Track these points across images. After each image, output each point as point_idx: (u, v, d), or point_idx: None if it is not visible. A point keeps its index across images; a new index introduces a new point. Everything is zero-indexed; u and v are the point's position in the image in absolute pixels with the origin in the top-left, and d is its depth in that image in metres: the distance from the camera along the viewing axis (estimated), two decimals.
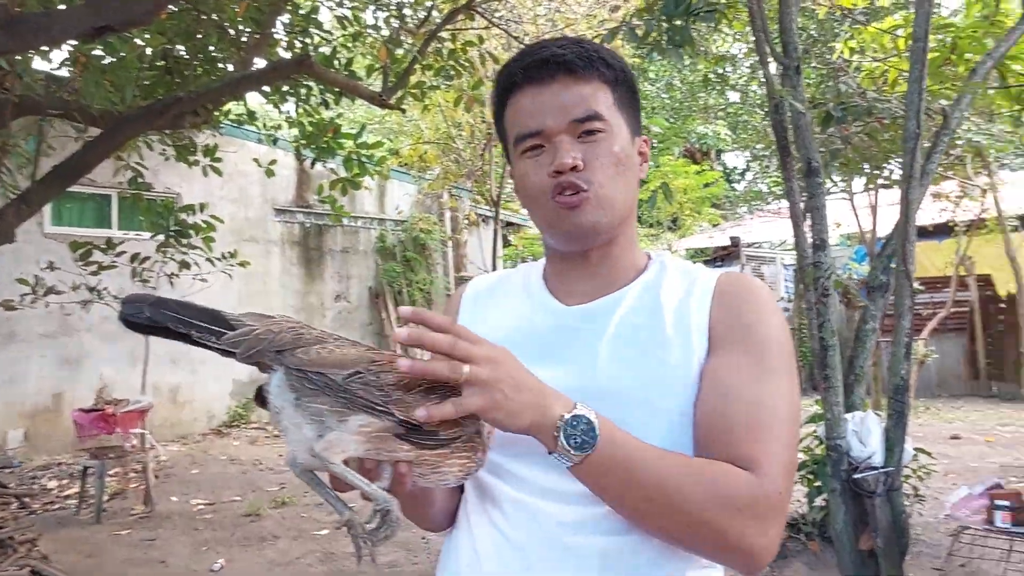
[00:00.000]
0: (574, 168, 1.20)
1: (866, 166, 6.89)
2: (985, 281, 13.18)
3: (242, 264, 7.80)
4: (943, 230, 11.40)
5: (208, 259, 7.50)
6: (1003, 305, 13.09)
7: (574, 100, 1.21)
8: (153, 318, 1.01)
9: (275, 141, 8.20)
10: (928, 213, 10.94)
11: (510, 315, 1.34)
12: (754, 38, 3.99)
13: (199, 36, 6.71)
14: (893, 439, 3.61)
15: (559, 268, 1.33)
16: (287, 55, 7.15)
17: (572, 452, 1.03)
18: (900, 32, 7.10)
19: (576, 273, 1.31)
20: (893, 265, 3.83)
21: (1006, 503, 3.30)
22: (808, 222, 3.79)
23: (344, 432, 1.01)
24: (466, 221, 14.16)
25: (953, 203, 10.58)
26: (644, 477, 1.06)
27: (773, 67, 4.01)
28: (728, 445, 1.11)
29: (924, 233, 9.74)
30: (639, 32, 4.03)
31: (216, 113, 7.34)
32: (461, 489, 1.31)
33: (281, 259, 12.29)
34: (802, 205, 3.79)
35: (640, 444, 1.08)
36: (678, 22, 3.59)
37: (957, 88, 4.07)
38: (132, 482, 7.72)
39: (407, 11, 7.35)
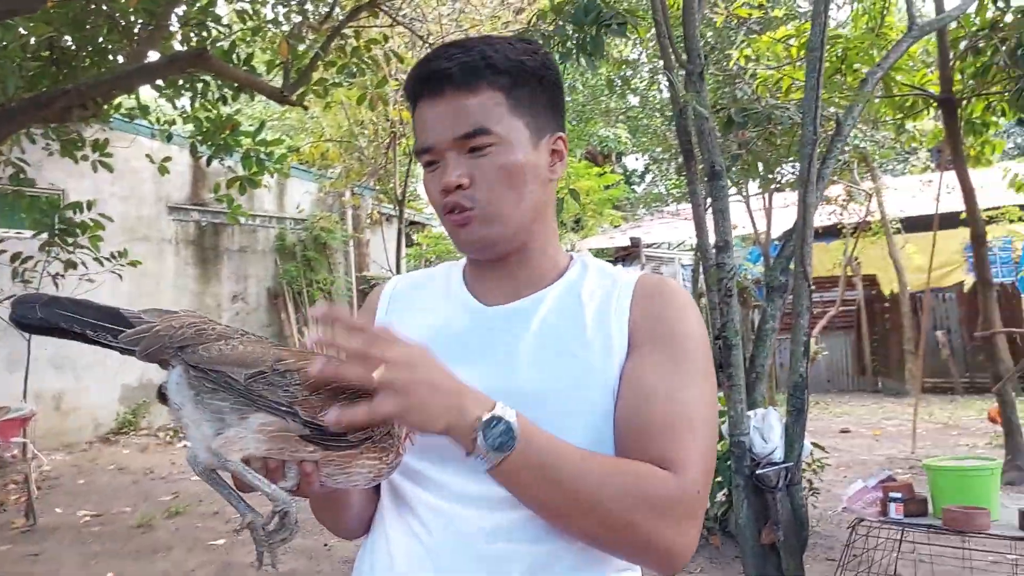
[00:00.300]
0: (460, 187, 1.18)
1: (761, 170, 7.11)
2: (871, 281, 13.80)
3: (132, 264, 7.51)
4: (831, 232, 11.87)
5: (96, 259, 7.19)
6: (887, 304, 13.74)
7: (459, 116, 1.18)
8: (46, 318, 0.97)
9: (169, 137, 7.91)
10: (817, 216, 11.35)
11: (430, 315, 1.31)
12: (659, 44, 4.05)
13: (88, 27, 6.42)
14: (793, 435, 3.72)
15: (478, 270, 1.32)
16: (182, 48, 6.92)
17: (490, 454, 1.01)
18: (793, 42, 7.38)
19: (494, 275, 1.29)
20: (791, 266, 3.94)
21: (898, 495, 3.44)
22: (712, 224, 3.87)
23: (243, 430, 0.97)
24: (369, 220, 13.99)
25: (841, 207, 11.04)
26: (564, 478, 1.05)
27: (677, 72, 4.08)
28: (648, 445, 1.11)
29: (814, 235, 10.11)
30: (550, 39, 4.05)
31: (106, 107, 7.04)
32: (378, 494, 1.28)
33: (175, 259, 11.89)
34: (707, 207, 3.87)
35: (560, 445, 1.07)
36: (591, 31, 3.61)
37: (847, 97, 4.22)
38: (13, 494, 7.34)
39: (309, 6, 7.19)
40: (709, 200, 3.76)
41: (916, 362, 9.77)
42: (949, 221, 9.98)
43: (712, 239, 3.92)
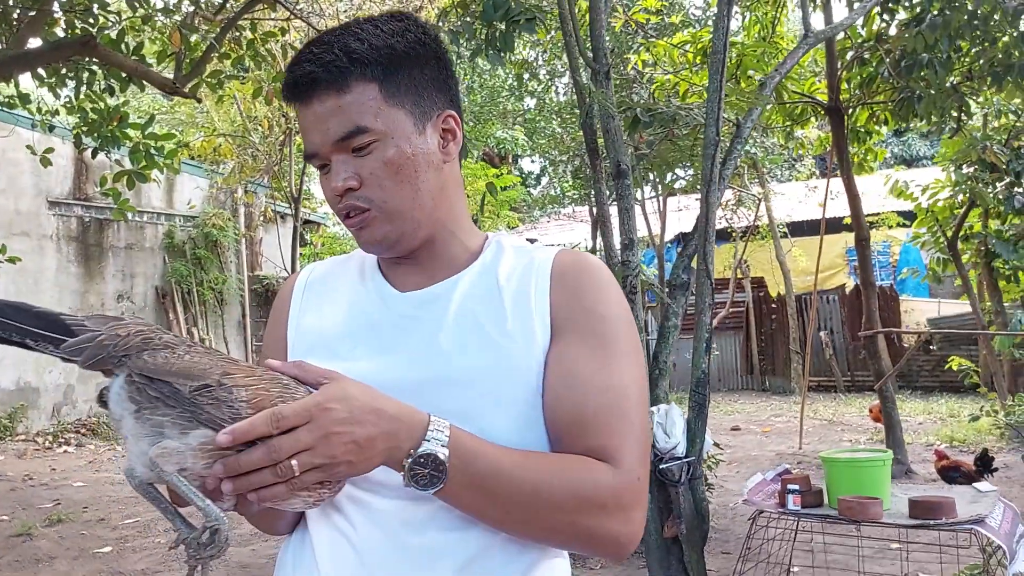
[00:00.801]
0: (350, 189, 1.15)
1: (652, 174, 7.27)
2: (759, 283, 14.29)
3: (11, 260, 7.13)
4: (721, 235, 12.22)
5: None
6: (775, 305, 14.24)
7: (333, 118, 1.14)
8: None
9: (51, 128, 7.53)
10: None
11: (345, 303, 1.27)
12: (565, 42, 4.08)
13: None
14: (695, 430, 3.80)
15: (391, 258, 1.28)
16: (65, 36, 6.59)
17: (421, 489, 1.01)
18: (688, 48, 7.56)
19: (407, 262, 1.26)
20: (693, 264, 4.03)
21: (796, 487, 3.55)
22: (616, 223, 3.92)
23: (183, 444, 0.94)
24: (262, 218, 13.64)
25: (731, 210, 11.38)
26: (503, 490, 1.04)
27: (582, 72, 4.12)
28: (582, 436, 1.10)
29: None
30: (459, 36, 4.03)
31: None
32: None
33: (56, 255, 11.33)
34: (611, 205, 3.91)
35: (496, 454, 1.05)
36: (500, 27, 3.60)
37: (741, 101, 4.35)
38: None
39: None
40: (614, 198, 3.80)
41: (804, 361, 10.15)
42: (832, 226, 10.41)
43: (617, 238, 3.96)
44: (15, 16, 6.36)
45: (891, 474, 3.75)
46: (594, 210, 12.43)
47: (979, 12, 5.75)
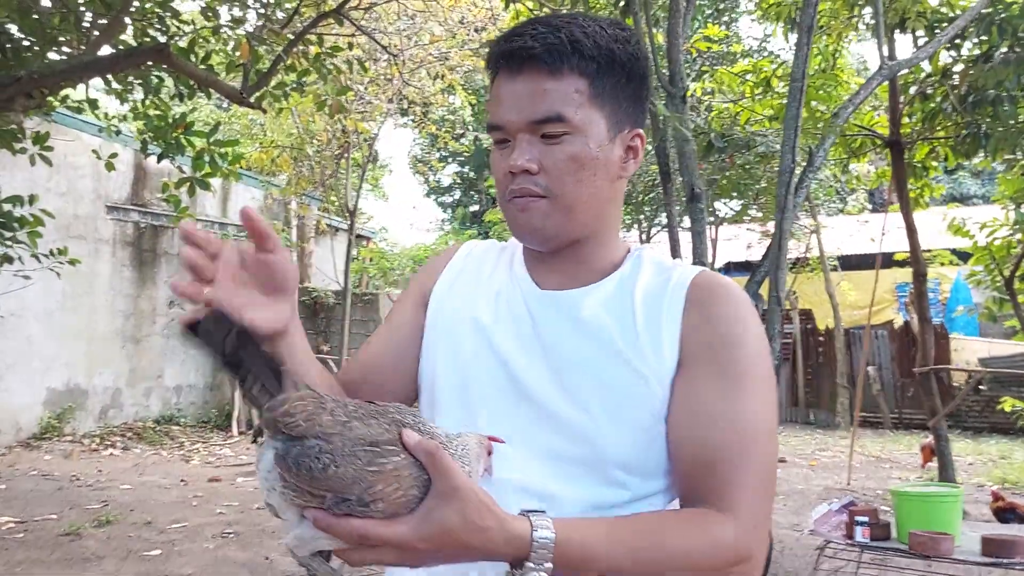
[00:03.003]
0: (527, 171, 1.15)
1: (716, 201, 7.25)
2: (807, 315, 14.14)
3: (72, 262, 7.27)
4: None
5: (33, 255, 6.93)
6: (822, 338, 14.07)
7: (536, 99, 1.14)
8: (229, 357, 0.97)
9: (118, 132, 7.69)
10: (758, 250, 11.63)
11: (490, 285, 1.29)
12: None
13: (35, 15, 6.20)
14: None
15: (535, 252, 1.29)
16: (132, 43, 6.73)
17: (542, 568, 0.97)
18: (749, 77, 7.55)
19: (551, 259, 1.26)
20: (761, 291, 4.01)
21: (864, 519, 3.50)
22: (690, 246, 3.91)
23: (316, 534, 0.96)
24: (315, 230, 13.78)
25: None
26: (622, 566, 1.01)
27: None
28: (704, 476, 1.09)
29: (752, 269, 10.35)
30: None
31: (50, 98, 6.80)
32: None
33: (111, 260, 11.51)
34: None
35: (606, 551, 1.01)
36: None
37: (815, 130, 4.33)
38: None
39: (279, 12, 7.10)
40: (689, 222, 3.79)
41: (854, 396, 10.00)
42: (883, 261, 10.29)
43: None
44: (87, 23, 6.50)
45: None
46: (643, 235, 12.41)
47: None
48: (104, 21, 6.42)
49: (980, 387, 12.49)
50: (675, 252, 4.03)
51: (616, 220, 1.29)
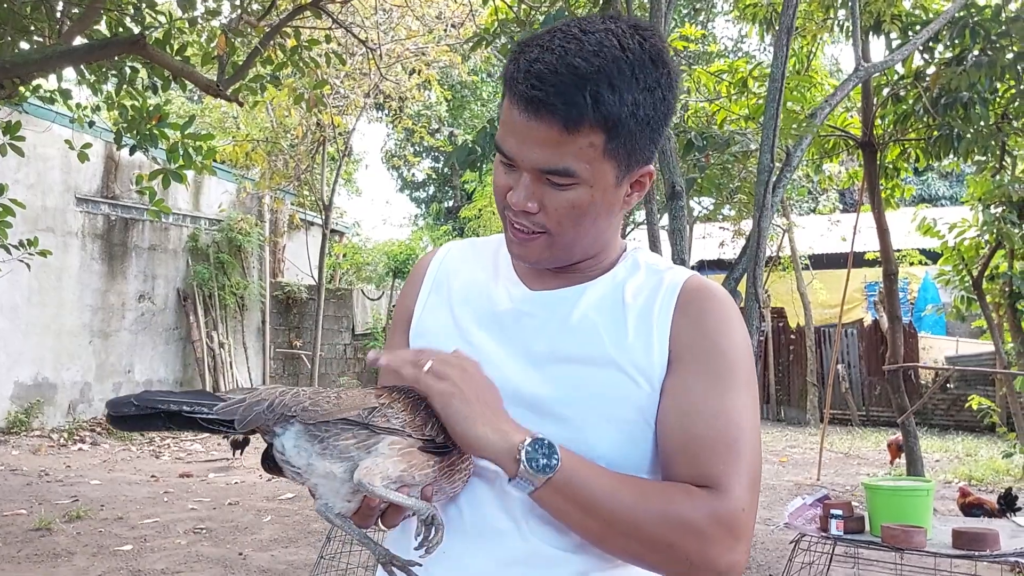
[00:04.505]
0: (527, 212, 1.14)
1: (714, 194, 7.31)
2: (778, 314, 14.27)
3: (43, 254, 7.19)
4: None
5: (2, 246, 6.84)
6: (793, 336, 14.21)
7: (548, 149, 1.09)
8: (142, 406, 1.03)
9: (92, 123, 7.59)
10: (730, 249, 11.73)
11: (474, 285, 1.30)
12: None
13: (7, 4, 6.10)
14: None
15: None
16: (106, 33, 6.65)
17: (535, 475, 1.04)
18: (724, 76, 7.61)
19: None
20: (739, 288, 4.04)
21: (839, 512, 3.55)
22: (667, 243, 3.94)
23: (377, 456, 1.05)
24: (288, 225, 13.68)
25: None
26: (605, 501, 1.06)
27: None
28: (690, 464, 1.11)
29: (725, 267, 10.42)
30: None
31: (22, 88, 6.70)
32: None
33: (81, 253, 11.37)
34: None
35: (598, 468, 1.09)
36: None
37: (794, 130, 4.37)
38: None
39: (255, 4, 7.04)
40: (669, 219, 3.82)
41: (824, 394, 10.12)
42: (854, 260, 10.41)
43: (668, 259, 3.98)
44: (60, 11, 6.42)
45: None
46: (626, 231, 12.45)
47: None
48: (77, 11, 6.34)
49: (947, 385, 12.70)
50: (654, 250, 4.06)
51: (615, 232, 1.29)
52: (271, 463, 1.09)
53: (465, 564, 1.15)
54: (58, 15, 6.47)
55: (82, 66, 6.69)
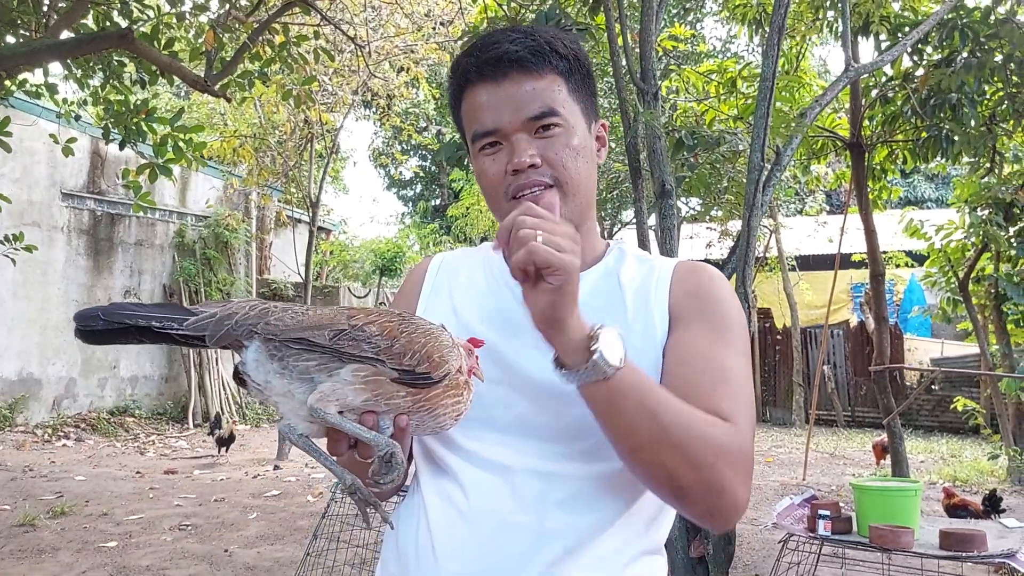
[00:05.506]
0: (533, 166, 1.20)
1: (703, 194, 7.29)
2: (765, 314, 14.31)
3: (28, 249, 7.12)
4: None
5: None
6: (779, 337, 14.26)
7: (528, 97, 1.22)
8: (109, 320, 0.99)
9: (77, 117, 7.54)
10: (717, 250, 11.75)
11: (474, 290, 1.34)
12: (612, 62, 4.11)
13: None
14: None
15: None
16: (93, 27, 6.60)
17: (606, 366, 1.02)
18: (713, 76, 7.61)
19: None
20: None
21: (827, 512, 3.56)
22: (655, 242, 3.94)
23: (337, 382, 1.00)
24: (275, 222, 13.62)
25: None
26: (660, 408, 1.06)
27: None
28: (699, 403, 1.11)
29: (719, 266, 10.44)
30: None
31: (8, 83, 6.64)
32: (410, 457, 1.28)
33: (66, 248, 11.30)
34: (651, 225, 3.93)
35: (652, 379, 1.11)
36: None
37: (784, 129, 4.37)
38: None
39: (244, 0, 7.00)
40: (658, 218, 3.82)
41: (810, 394, 10.15)
42: (841, 262, 10.46)
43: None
44: (46, 4, 6.36)
45: None
46: (604, 233, 12.45)
47: (1015, 55, 5.81)
48: (64, 4, 6.29)
49: (933, 387, 12.76)
50: (644, 248, 4.06)
51: (594, 211, 1.36)
52: (240, 377, 1.06)
53: (479, 557, 1.14)
54: (45, 8, 6.42)
55: (69, 60, 6.64)
